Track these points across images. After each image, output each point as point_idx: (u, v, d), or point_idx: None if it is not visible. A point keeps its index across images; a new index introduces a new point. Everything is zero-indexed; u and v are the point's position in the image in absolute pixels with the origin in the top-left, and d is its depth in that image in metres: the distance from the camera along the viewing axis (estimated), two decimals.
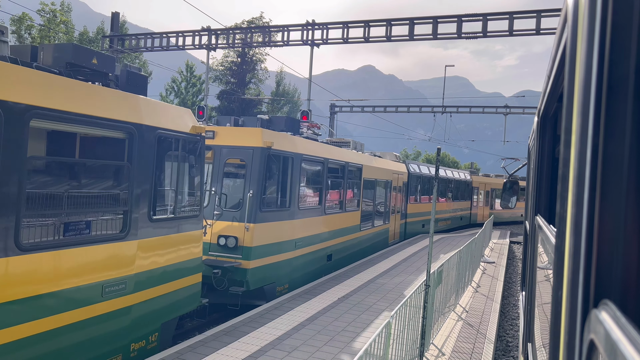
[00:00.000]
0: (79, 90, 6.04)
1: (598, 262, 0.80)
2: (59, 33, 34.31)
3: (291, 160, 11.85)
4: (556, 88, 2.18)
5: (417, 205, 25.53)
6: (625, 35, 0.80)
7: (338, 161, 14.87)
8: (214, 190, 10.58)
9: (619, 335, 0.60)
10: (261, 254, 10.60)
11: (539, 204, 3.15)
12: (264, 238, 10.74)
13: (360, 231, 17.00)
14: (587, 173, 0.86)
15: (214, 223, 10.27)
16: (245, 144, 10.86)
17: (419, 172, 25.79)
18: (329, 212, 14.17)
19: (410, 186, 24.26)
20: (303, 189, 12.74)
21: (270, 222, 11.01)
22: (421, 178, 26.06)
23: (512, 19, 19.65)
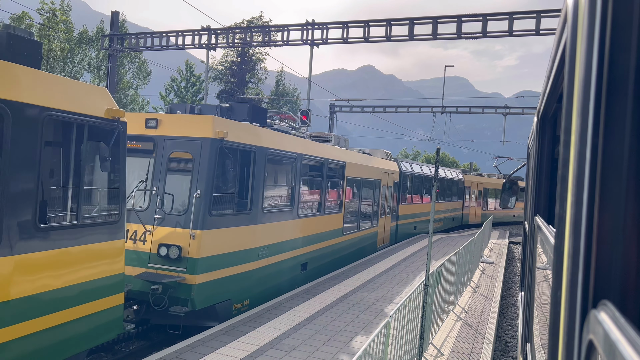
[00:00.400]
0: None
1: (597, 262, 0.80)
2: (59, 32, 34.30)
3: (253, 154, 10.05)
4: (556, 88, 2.18)
5: (410, 206, 24.34)
6: (625, 35, 0.80)
7: (315, 157, 13.17)
8: (155, 190, 8.96)
9: (618, 336, 0.60)
10: (211, 266, 8.92)
11: (538, 204, 3.15)
12: (215, 247, 9.02)
13: (343, 235, 15.46)
14: (586, 173, 0.86)
15: (154, 229, 8.79)
16: (192, 134, 9.08)
17: (411, 171, 24.54)
18: (303, 215, 12.51)
19: (403, 186, 23.04)
20: (269, 189, 11.09)
21: (224, 227, 9.27)
22: (414, 177, 24.91)
23: (511, 20, 19.65)
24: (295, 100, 53.56)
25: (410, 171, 24.24)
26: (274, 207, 11.25)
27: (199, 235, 8.62)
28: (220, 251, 9.15)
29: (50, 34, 33.39)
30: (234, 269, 9.57)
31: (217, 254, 9.08)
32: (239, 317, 9.14)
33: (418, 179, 25.45)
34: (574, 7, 1.12)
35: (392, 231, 21.69)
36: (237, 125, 9.96)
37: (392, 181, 21.17)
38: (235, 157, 9.56)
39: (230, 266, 9.48)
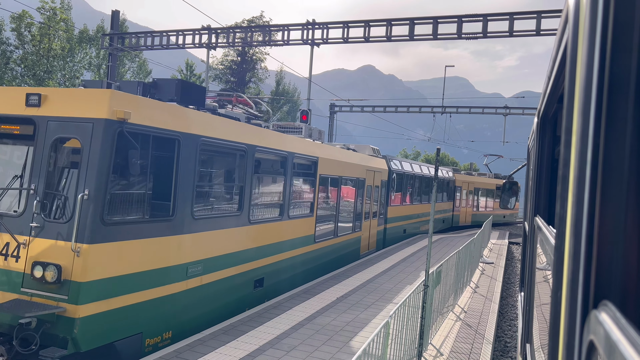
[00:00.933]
0: None
1: (598, 263, 0.80)
2: (59, 31, 34.30)
3: (177, 143, 7.69)
4: (556, 89, 2.18)
5: (400, 208, 22.46)
6: (627, 36, 0.80)
7: (275, 150, 10.89)
8: (33, 188, 6.75)
9: (618, 336, 0.60)
10: (107, 292, 6.67)
11: (539, 204, 3.15)
12: (114, 266, 6.77)
13: (315, 243, 13.19)
14: (587, 174, 0.86)
15: (30, 241, 6.60)
16: (81, 114, 6.78)
17: (401, 169, 22.61)
18: (257, 221, 10.23)
19: (393, 186, 21.14)
20: (205, 189, 8.92)
21: (129, 239, 6.98)
22: (405, 176, 23.03)
23: (512, 20, 19.65)
24: (295, 100, 53.56)
25: (400, 170, 22.45)
26: (213, 212, 9.00)
27: (85, 251, 6.35)
28: (122, 271, 6.87)
29: (50, 32, 33.37)
30: (146, 293, 7.26)
31: (117, 276, 6.81)
32: (238, 316, 9.13)
33: (409, 178, 23.91)
34: (575, 8, 1.12)
35: (379, 235, 19.85)
36: (152, 104, 7.54)
37: (379, 180, 19.15)
38: (146, 145, 7.23)
39: (141, 290, 7.18)
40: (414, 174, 24.64)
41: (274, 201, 11.35)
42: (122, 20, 33.73)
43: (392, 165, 21.33)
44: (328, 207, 14.43)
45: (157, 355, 7.01)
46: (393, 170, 21.15)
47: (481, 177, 38.85)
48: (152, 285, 7.40)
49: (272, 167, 11.44)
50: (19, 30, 31.91)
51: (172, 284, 7.77)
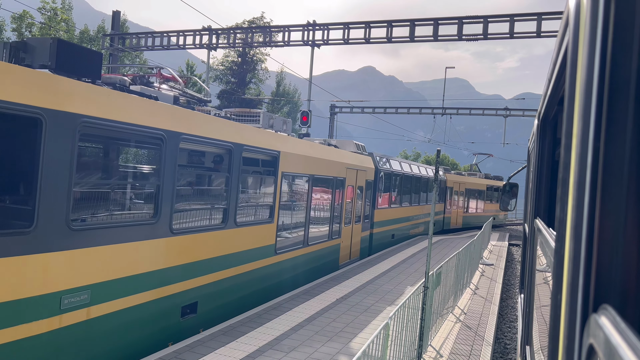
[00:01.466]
0: None
1: (598, 266, 0.80)
2: (60, 31, 34.33)
3: (40, 125, 5.59)
4: (557, 91, 2.18)
5: (388, 211, 20.37)
6: (627, 39, 0.80)
7: (212, 141, 8.67)
8: None
9: (618, 340, 0.60)
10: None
11: (539, 206, 3.15)
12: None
13: (276, 255, 11.02)
14: (587, 177, 0.86)
15: None
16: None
17: (390, 168, 20.46)
18: (184, 231, 8.06)
19: (380, 186, 19.08)
20: (92, 188, 6.73)
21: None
22: (394, 176, 20.91)
23: (512, 22, 19.66)
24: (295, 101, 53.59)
25: (389, 169, 20.25)
26: (107, 220, 6.80)
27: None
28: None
29: (51, 33, 33.39)
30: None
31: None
32: (238, 317, 9.13)
33: (399, 178, 21.79)
34: (576, 10, 1.12)
35: (364, 242, 17.71)
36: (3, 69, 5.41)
37: (363, 180, 16.98)
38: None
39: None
40: (404, 174, 22.62)
41: (213, 205, 9.10)
42: (122, 21, 33.75)
43: (380, 164, 19.29)
44: (295, 211, 12.15)
45: (157, 356, 7.01)
46: (381, 169, 19.08)
47: (472, 177, 36.86)
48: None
49: (209, 162, 9.40)
50: (20, 31, 31.93)
51: (30, 322, 5.53)
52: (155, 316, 7.47)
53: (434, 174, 7.52)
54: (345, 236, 15.68)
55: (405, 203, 23.11)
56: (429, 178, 26.53)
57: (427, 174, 26.72)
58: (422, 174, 25.82)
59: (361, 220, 17.18)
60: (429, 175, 26.72)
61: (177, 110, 8.04)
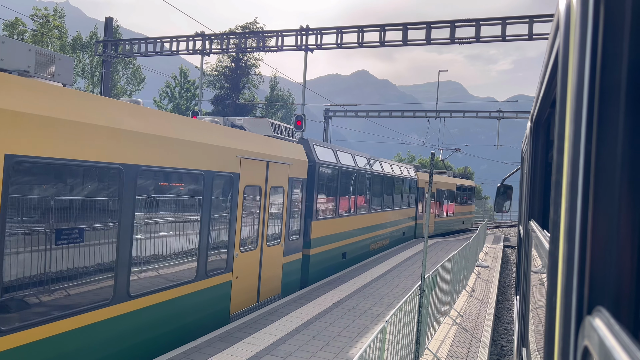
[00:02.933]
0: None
1: (592, 268, 0.80)
2: (52, 38, 34.24)
3: None
4: (549, 94, 2.19)
5: (335, 222, 14.97)
6: (617, 42, 0.80)
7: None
8: None
9: (612, 343, 0.60)
10: None
11: (533, 208, 3.16)
12: None
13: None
14: (580, 179, 0.86)
15: None
16: None
17: (336, 163, 14.98)
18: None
19: (321, 188, 13.87)
20: None
21: None
22: (344, 174, 15.48)
23: (504, 25, 19.78)
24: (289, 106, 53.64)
25: (334, 164, 14.79)
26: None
27: None
28: None
29: (43, 40, 33.29)
30: None
31: None
32: (234, 323, 9.10)
33: (353, 176, 16.49)
34: (566, 14, 1.13)
35: (291, 270, 12.13)
36: None
37: (284, 178, 11.51)
38: None
39: None
40: (362, 171, 17.42)
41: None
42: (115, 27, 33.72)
43: (319, 156, 13.74)
44: (92, 235, 6.17)
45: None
46: (319, 162, 13.53)
47: (441, 175, 32.08)
48: None
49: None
50: (12, 38, 31.82)
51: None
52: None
53: (429, 178, 7.53)
54: (244, 267, 9.77)
55: (364, 210, 17.85)
56: (392, 177, 21.65)
57: (395, 173, 22.16)
58: (388, 172, 21.01)
59: (282, 238, 11.46)
60: (392, 173, 21.76)
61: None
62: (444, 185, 30.76)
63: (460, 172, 46.78)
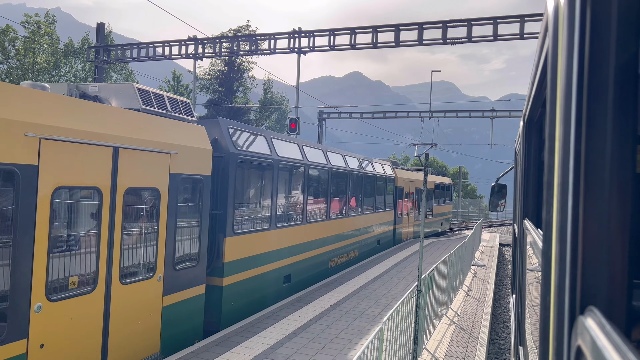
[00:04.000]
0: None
1: (583, 268, 0.81)
2: (44, 45, 34.11)
3: None
4: (540, 93, 2.20)
5: (268, 237, 11.04)
6: (604, 42, 0.81)
7: None
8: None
9: (604, 342, 0.60)
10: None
11: (527, 207, 3.18)
12: None
13: None
14: (570, 179, 0.87)
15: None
16: None
17: (265, 153, 11.02)
18: None
19: (239, 189, 10.16)
20: None
21: None
22: (279, 169, 11.57)
23: (496, 24, 19.88)
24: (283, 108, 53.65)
25: (261, 155, 10.82)
26: None
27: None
28: None
29: (35, 46, 33.16)
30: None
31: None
32: (232, 327, 9.08)
33: (293, 172, 12.72)
34: (554, 15, 1.14)
35: (192, 313, 8.43)
36: None
37: (162, 175, 7.69)
38: None
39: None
40: (311, 166, 13.35)
41: None
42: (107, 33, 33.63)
43: (236, 144, 9.93)
44: None
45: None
46: (237, 153, 9.82)
47: (417, 172, 28.80)
48: None
49: None
50: (3, 45, 31.67)
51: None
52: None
53: (424, 178, 7.54)
54: (62, 327, 5.82)
55: (319, 217, 14.19)
56: (375, 176, 19.13)
57: (365, 170, 18.40)
58: (355, 168, 17.25)
59: (160, 268, 7.58)
60: (373, 172, 18.95)
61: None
62: (422, 183, 25.41)
63: (436, 169, 43.54)
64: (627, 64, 0.80)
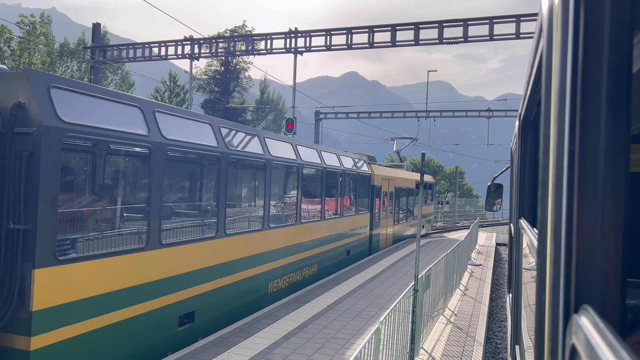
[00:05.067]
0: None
1: (577, 267, 0.81)
2: (39, 45, 34.00)
3: None
4: (535, 93, 2.21)
5: (146, 259, 7.11)
6: (598, 43, 0.82)
7: None
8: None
9: (598, 341, 0.61)
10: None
11: (522, 207, 3.19)
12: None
13: None
14: (564, 179, 0.88)
15: None
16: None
17: (141, 134, 7.07)
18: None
19: (52, 185, 5.62)
20: None
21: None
22: (164, 157, 7.40)
23: (492, 24, 19.93)
24: (280, 109, 53.61)
25: (104, 132, 6.44)
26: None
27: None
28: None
29: (30, 47, 33.05)
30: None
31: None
32: (229, 327, 9.07)
33: (196, 164, 9.88)
34: (549, 15, 1.14)
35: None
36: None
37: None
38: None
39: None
40: (233, 155, 9.45)
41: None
42: (103, 33, 33.54)
43: (55, 111, 5.71)
44: None
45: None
46: (56, 127, 5.68)
47: (398, 169, 24.84)
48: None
49: None
50: None
51: None
52: None
53: (420, 179, 7.54)
54: None
55: (254, 224, 10.55)
56: (343, 173, 15.73)
57: (330, 164, 14.71)
58: (314, 162, 13.51)
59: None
60: (340, 168, 15.43)
61: None
62: (405, 182, 24.29)
63: (413, 164, 38.20)
64: (621, 64, 0.80)
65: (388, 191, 21.48)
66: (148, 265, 7.25)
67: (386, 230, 21.52)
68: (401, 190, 23.58)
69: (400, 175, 23.69)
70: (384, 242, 21.30)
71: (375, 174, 19.65)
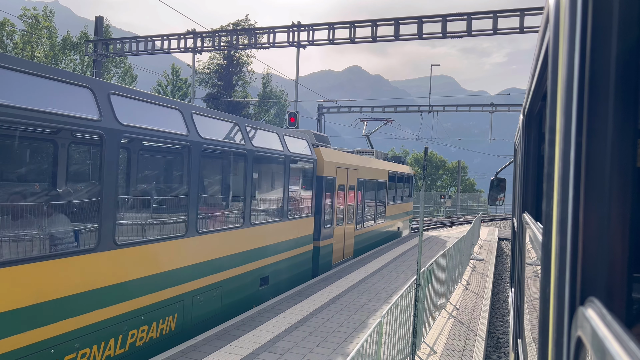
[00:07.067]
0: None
1: (584, 259, 0.81)
2: (42, 38, 33.99)
3: None
4: (540, 87, 2.20)
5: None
6: (606, 35, 0.81)
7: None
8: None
9: (605, 333, 0.61)
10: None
11: (526, 201, 3.18)
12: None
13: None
14: (571, 172, 0.87)
15: None
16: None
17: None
18: None
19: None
20: None
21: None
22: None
23: (496, 18, 19.83)
24: (282, 102, 53.56)
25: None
26: None
27: None
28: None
29: (33, 40, 33.04)
30: None
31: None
32: (231, 320, 9.11)
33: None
34: (556, 7, 1.13)
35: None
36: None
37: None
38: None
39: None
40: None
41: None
42: (106, 26, 33.49)
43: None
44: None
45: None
46: None
47: (366, 157, 19.93)
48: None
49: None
50: (1, 39, 31.55)
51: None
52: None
53: (422, 173, 7.54)
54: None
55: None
56: (270, 156, 11.03)
57: (210, 139, 8.58)
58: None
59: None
60: (268, 149, 10.82)
61: None
62: (369, 172, 18.47)
63: (392, 155, 31.36)
64: (629, 57, 0.80)
65: (347, 185, 15.98)
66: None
67: (343, 240, 16.00)
68: (367, 184, 18.23)
69: (366, 165, 18.19)
70: (339, 256, 15.78)
71: (325, 160, 14.03)
